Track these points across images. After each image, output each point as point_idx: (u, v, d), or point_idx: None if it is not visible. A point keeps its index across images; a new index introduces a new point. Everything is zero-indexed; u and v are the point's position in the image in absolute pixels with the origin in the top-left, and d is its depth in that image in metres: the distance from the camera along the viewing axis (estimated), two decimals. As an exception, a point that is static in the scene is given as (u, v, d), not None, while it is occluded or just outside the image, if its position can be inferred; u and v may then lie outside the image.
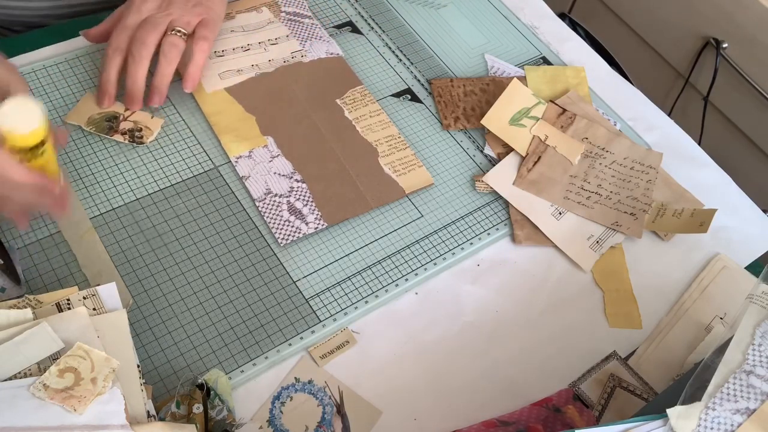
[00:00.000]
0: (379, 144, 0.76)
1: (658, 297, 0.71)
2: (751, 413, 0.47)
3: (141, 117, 0.73)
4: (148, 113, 0.74)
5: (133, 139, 0.71)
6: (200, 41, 0.72)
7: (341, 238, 0.69)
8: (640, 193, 0.76)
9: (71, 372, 0.49)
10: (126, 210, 0.68)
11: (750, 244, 0.76)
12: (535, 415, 0.61)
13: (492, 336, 0.66)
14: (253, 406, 0.59)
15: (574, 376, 0.64)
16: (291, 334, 0.63)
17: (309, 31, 0.84)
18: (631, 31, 1.40)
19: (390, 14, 0.90)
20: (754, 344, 0.50)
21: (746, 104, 1.24)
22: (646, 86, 0.99)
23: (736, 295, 0.70)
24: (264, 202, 0.70)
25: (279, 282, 0.66)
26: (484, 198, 0.75)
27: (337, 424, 0.59)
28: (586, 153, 0.78)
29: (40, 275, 0.62)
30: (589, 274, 0.71)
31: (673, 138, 0.85)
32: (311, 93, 0.79)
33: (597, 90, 0.87)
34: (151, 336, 0.61)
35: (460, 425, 0.60)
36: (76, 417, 0.48)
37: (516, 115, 0.78)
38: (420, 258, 0.69)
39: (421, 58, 0.86)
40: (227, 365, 0.60)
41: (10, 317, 0.52)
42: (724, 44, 1.22)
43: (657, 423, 0.48)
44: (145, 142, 0.72)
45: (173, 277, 0.64)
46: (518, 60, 0.88)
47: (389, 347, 0.64)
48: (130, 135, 0.71)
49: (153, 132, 0.72)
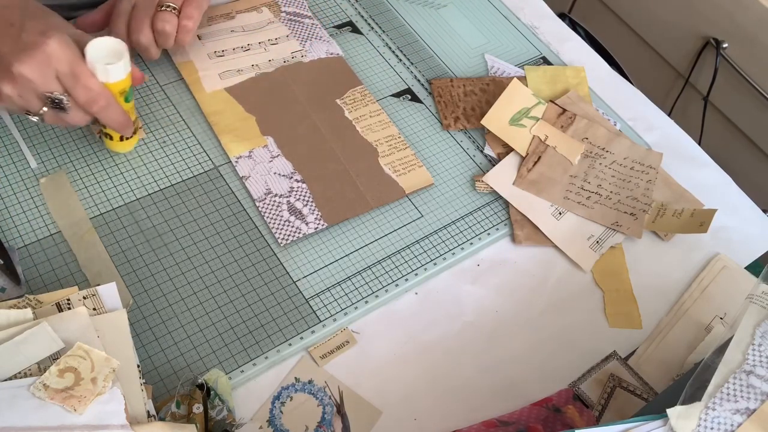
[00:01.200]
0: (379, 144, 0.76)
1: (658, 297, 0.71)
2: (751, 413, 0.47)
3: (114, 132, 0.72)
4: (140, 120, 0.73)
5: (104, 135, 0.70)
6: (184, 20, 0.73)
7: (341, 238, 0.69)
8: (640, 193, 0.76)
9: (71, 372, 0.49)
10: (126, 210, 0.68)
11: (750, 244, 0.76)
12: (535, 415, 0.61)
13: (492, 336, 0.66)
14: (253, 406, 0.59)
15: (574, 376, 0.64)
16: (291, 334, 0.63)
17: (309, 31, 0.84)
18: (631, 31, 1.40)
19: (390, 14, 0.90)
20: (754, 344, 0.50)
21: (746, 104, 1.24)
22: (646, 86, 0.99)
23: (736, 295, 0.70)
24: (264, 202, 0.70)
25: (279, 282, 0.66)
26: (484, 198, 0.75)
27: (337, 424, 0.59)
28: (586, 153, 0.78)
29: (40, 275, 0.62)
30: (589, 274, 0.71)
31: (673, 138, 0.85)
32: (311, 93, 0.79)
33: (597, 90, 0.87)
34: (151, 336, 0.61)
35: (460, 425, 0.60)
36: (76, 417, 0.48)
37: (516, 115, 0.78)
38: (420, 258, 0.69)
39: (421, 58, 0.86)
40: (227, 365, 0.60)
41: (10, 317, 0.52)
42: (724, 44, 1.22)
43: (657, 423, 0.48)
44: None
45: (173, 277, 0.64)
46: (518, 60, 0.88)
47: (389, 347, 0.64)
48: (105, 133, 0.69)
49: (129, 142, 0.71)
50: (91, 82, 0.61)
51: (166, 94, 0.77)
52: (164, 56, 0.79)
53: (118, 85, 0.63)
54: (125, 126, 0.67)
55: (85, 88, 0.61)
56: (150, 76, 0.78)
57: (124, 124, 0.66)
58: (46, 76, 0.59)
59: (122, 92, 0.64)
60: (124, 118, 0.66)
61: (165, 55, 0.79)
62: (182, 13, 0.73)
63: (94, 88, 0.61)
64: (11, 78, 0.59)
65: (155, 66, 0.78)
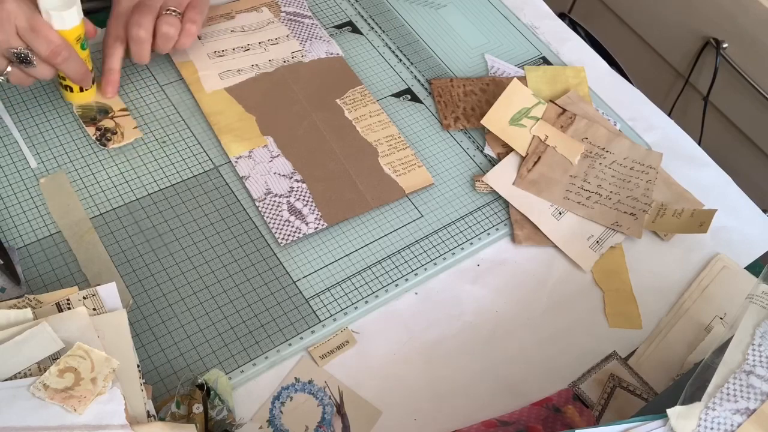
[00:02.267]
0: (379, 144, 0.76)
1: (658, 297, 0.71)
2: (751, 413, 0.47)
3: (127, 122, 0.73)
4: (135, 121, 0.73)
5: (101, 138, 0.70)
6: (188, 24, 0.73)
7: (341, 238, 0.69)
8: (640, 193, 0.76)
9: (71, 372, 0.49)
10: (126, 210, 0.68)
11: (750, 244, 0.76)
12: (535, 415, 0.61)
13: (492, 336, 0.66)
14: (253, 406, 0.59)
15: (574, 376, 0.64)
16: (291, 334, 0.63)
17: (309, 31, 0.84)
18: (631, 31, 1.40)
19: (390, 14, 0.90)
20: (754, 344, 0.50)
21: (746, 104, 1.24)
22: (646, 86, 0.99)
23: (736, 295, 0.70)
24: (264, 202, 0.70)
25: (279, 282, 0.66)
26: (484, 198, 0.75)
27: (337, 424, 0.59)
28: (586, 153, 0.78)
29: (40, 275, 0.62)
30: (589, 274, 0.71)
31: (673, 138, 0.85)
32: (311, 93, 0.79)
33: (597, 90, 0.87)
34: (151, 336, 0.61)
35: (460, 425, 0.60)
36: (76, 417, 0.48)
37: (516, 115, 0.78)
38: (420, 258, 0.69)
39: (421, 58, 0.86)
40: (227, 365, 0.60)
41: (10, 317, 0.52)
42: (724, 44, 1.22)
43: (657, 423, 0.48)
44: (107, 145, 0.70)
45: (173, 277, 0.64)
46: (518, 60, 0.88)
47: (389, 347, 0.64)
48: (102, 133, 0.71)
49: (123, 140, 0.71)
50: (51, 34, 0.64)
51: (166, 94, 0.77)
52: (164, 56, 0.79)
53: (74, 32, 0.66)
54: (86, 77, 0.70)
55: (46, 40, 0.64)
56: (150, 76, 0.78)
57: (84, 75, 0.69)
58: (8, 33, 0.62)
59: (78, 39, 0.67)
60: (84, 68, 0.69)
61: (165, 55, 0.79)
62: (185, 17, 0.73)
63: (54, 40, 0.64)
64: None
65: (155, 66, 0.78)
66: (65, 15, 0.64)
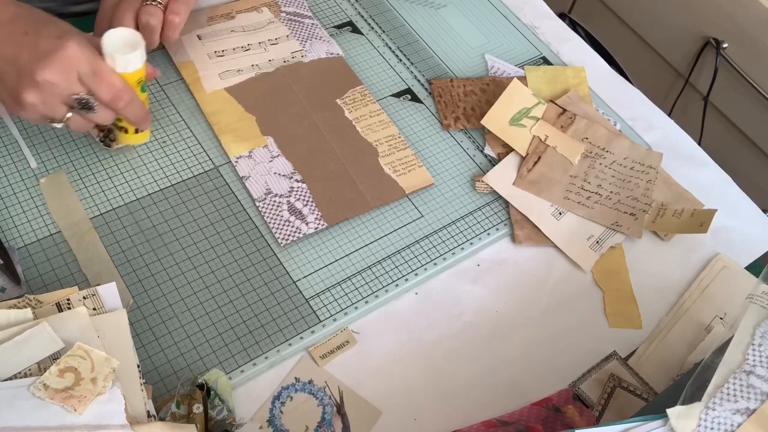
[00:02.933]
0: (379, 144, 0.76)
1: (658, 297, 0.71)
2: (751, 413, 0.47)
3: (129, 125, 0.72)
4: None
5: (105, 139, 0.70)
6: (170, 15, 0.71)
7: (341, 238, 0.69)
8: (640, 193, 0.76)
9: (71, 372, 0.49)
10: (126, 210, 0.68)
11: (750, 244, 0.76)
12: (535, 415, 0.61)
13: (492, 336, 0.66)
14: (253, 406, 0.59)
15: (574, 376, 0.64)
16: (291, 334, 0.63)
17: (309, 31, 0.84)
18: (631, 31, 1.40)
19: (390, 14, 0.90)
20: (754, 344, 0.50)
21: (746, 104, 1.24)
22: (646, 86, 0.99)
23: (736, 295, 0.70)
24: (264, 202, 0.70)
25: (279, 282, 0.66)
26: (484, 198, 0.75)
27: (337, 424, 0.59)
28: (586, 153, 0.78)
29: (40, 275, 0.62)
30: (589, 274, 0.71)
31: (673, 138, 0.85)
32: (311, 93, 0.79)
33: (597, 90, 0.87)
34: (151, 336, 0.61)
35: (460, 425, 0.60)
36: (76, 417, 0.48)
37: (516, 115, 0.78)
38: (420, 258, 0.69)
39: (421, 58, 0.86)
40: (227, 365, 0.60)
41: (10, 317, 0.52)
42: (724, 44, 1.22)
43: (657, 423, 0.48)
44: (111, 146, 0.70)
45: (173, 277, 0.64)
46: (518, 60, 0.88)
47: (389, 347, 0.64)
48: (105, 133, 0.69)
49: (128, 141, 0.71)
50: (114, 78, 0.62)
51: (166, 94, 0.77)
52: (164, 56, 0.79)
53: (135, 74, 0.64)
54: (145, 119, 0.67)
55: (109, 85, 0.61)
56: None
57: (144, 118, 0.67)
58: (69, 78, 0.59)
59: (139, 82, 0.65)
60: (144, 111, 0.67)
61: (165, 55, 0.79)
62: (168, 8, 0.71)
63: (117, 84, 0.62)
64: (35, 85, 0.58)
65: (155, 66, 0.78)
66: (130, 58, 0.62)
